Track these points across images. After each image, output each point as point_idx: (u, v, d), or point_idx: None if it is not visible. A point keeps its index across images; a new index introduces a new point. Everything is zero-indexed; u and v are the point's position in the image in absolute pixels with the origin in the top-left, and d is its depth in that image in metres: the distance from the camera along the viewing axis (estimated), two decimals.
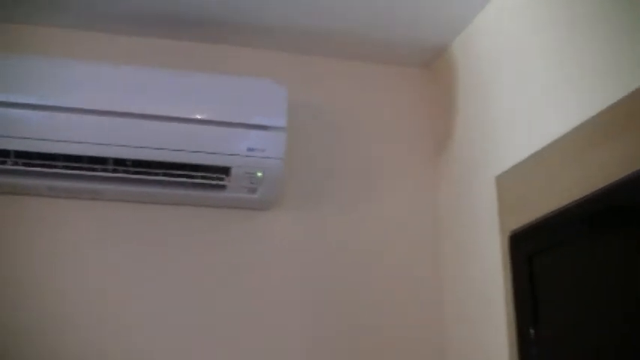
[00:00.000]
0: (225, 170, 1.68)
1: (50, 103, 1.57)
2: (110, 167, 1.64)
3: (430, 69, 2.09)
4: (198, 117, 1.66)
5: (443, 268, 1.92)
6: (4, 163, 1.57)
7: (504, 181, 1.55)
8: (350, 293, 1.83)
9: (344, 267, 1.85)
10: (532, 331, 1.33)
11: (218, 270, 1.78)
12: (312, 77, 1.99)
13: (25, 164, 1.58)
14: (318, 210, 1.88)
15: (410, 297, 1.87)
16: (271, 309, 1.77)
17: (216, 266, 1.78)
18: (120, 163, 1.63)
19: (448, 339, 1.86)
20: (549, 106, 1.45)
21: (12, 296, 1.65)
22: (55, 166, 1.60)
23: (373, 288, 1.86)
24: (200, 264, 1.77)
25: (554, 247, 1.30)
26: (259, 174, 1.68)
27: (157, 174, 1.66)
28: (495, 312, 1.57)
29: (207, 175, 1.68)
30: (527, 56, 1.56)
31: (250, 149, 1.67)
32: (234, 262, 1.79)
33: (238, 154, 1.66)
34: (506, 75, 1.66)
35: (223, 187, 1.71)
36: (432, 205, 1.98)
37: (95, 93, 1.61)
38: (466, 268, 1.78)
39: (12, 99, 1.55)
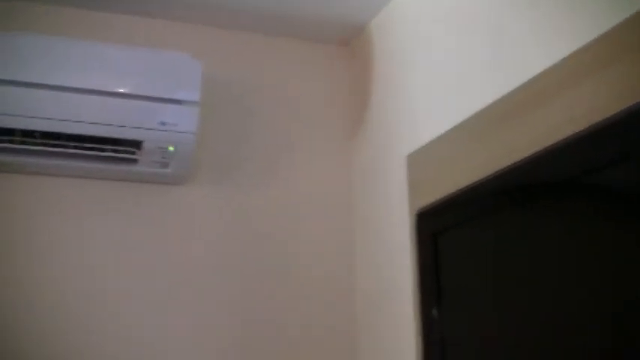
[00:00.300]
0: (136, 144, 1.65)
1: None
2: (18, 139, 1.59)
3: (348, 47, 2.09)
4: (110, 89, 1.63)
5: (355, 246, 1.94)
6: None
7: (414, 160, 1.57)
8: (263, 268, 1.83)
9: (256, 243, 1.85)
10: (435, 311, 1.34)
11: (131, 244, 1.75)
12: (228, 52, 1.97)
13: None
14: (231, 186, 1.87)
15: (321, 274, 1.89)
16: (184, 283, 1.76)
17: (129, 240, 1.75)
18: (28, 134, 1.58)
19: (358, 316, 1.87)
20: (461, 86, 1.47)
21: None
22: None
23: (286, 263, 1.86)
24: (113, 238, 1.74)
25: (459, 225, 1.31)
26: (171, 148, 1.66)
27: (67, 146, 1.61)
28: (404, 292, 1.59)
29: (118, 149, 1.65)
30: (442, 37, 1.58)
31: (162, 123, 1.64)
32: (146, 236, 1.76)
33: (150, 128, 1.64)
34: (421, 55, 1.67)
35: (135, 160, 1.68)
36: (346, 183, 1.99)
37: (3, 63, 1.55)
38: (377, 248, 1.80)
39: None
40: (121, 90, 1.62)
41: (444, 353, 1.31)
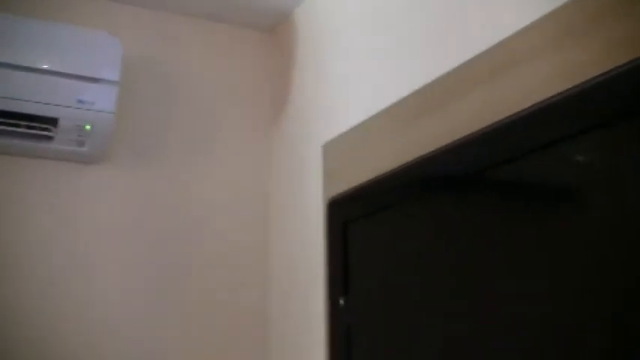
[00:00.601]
0: (52, 121, 1.63)
1: None
2: None
3: (273, 34, 2.10)
4: (27, 65, 1.59)
5: (270, 233, 1.95)
6: None
7: (330, 149, 1.59)
8: (175, 253, 1.83)
9: (171, 226, 1.84)
10: (342, 300, 1.36)
11: (46, 221, 1.72)
12: (150, 32, 1.95)
13: None
14: (148, 167, 1.85)
15: (236, 261, 1.90)
16: (99, 263, 1.74)
17: (44, 217, 1.73)
18: None
19: (272, 303, 1.89)
20: (380, 76, 1.50)
21: None
22: None
23: (200, 249, 1.86)
24: (28, 214, 1.71)
25: (369, 214, 1.32)
26: (88, 127, 1.65)
27: None
28: (316, 280, 1.62)
29: (33, 125, 1.62)
30: (364, 27, 1.60)
31: (80, 101, 1.62)
32: (61, 213, 1.74)
33: (67, 106, 1.61)
34: (343, 44, 1.69)
35: (50, 138, 1.66)
36: (265, 170, 2.00)
37: None
38: (293, 236, 1.82)
39: None
40: (38, 66, 1.59)
41: (349, 342, 1.32)
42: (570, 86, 0.94)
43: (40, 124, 1.63)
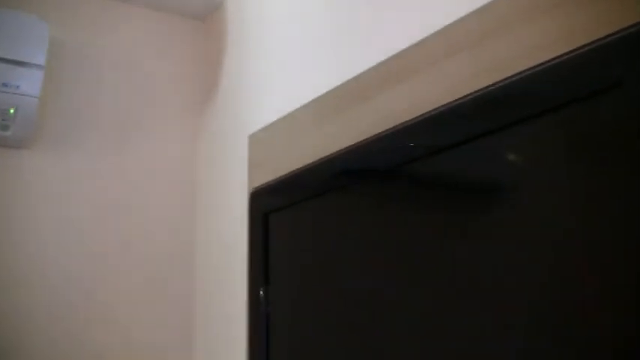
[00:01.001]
0: None
1: None
2: None
3: (204, 22, 2.10)
4: None
5: (196, 223, 1.96)
6: None
7: (256, 139, 1.61)
8: (101, 240, 1.82)
9: (96, 212, 1.83)
10: (262, 291, 1.37)
11: None
12: (78, 16, 1.91)
13: None
14: (74, 153, 1.83)
15: (162, 250, 1.89)
16: (24, 246, 1.72)
17: None
18: None
19: (197, 292, 1.90)
20: (307, 67, 1.51)
21: None
22: None
23: (126, 236, 1.85)
24: None
25: (290, 206, 1.33)
26: (12, 111, 1.63)
27: None
28: (239, 272, 1.64)
29: None
30: (294, 17, 1.61)
31: (4, 85, 1.61)
32: None
33: None
34: (272, 34, 1.70)
35: None
36: (193, 158, 2.01)
37: None
38: (219, 226, 1.83)
39: None
40: None
41: (268, 332, 1.34)
42: (495, 80, 0.97)
43: None
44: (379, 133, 1.15)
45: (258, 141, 1.59)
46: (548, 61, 0.88)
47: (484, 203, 0.95)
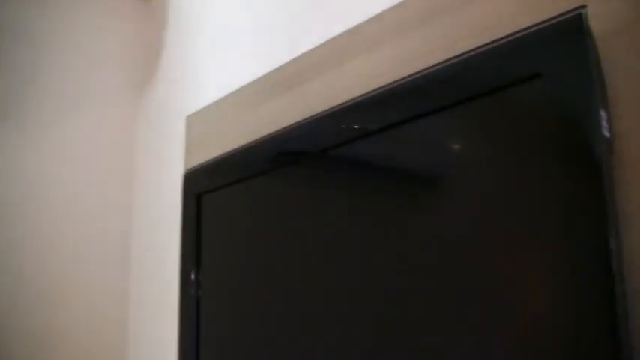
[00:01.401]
0: None
1: None
2: None
3: (145, 2, 2.08)
4: None
5: (133, 203, 1.95)
6: None
7: (193, 121, 1.60)
8: (36, 218, 1.80)
9: (33, 190, 1.80)
10: (193, 274, 1.36)
11: None
12: None
13: None
14: (13, 132, 1.80)
15: (96, 231, 1.88)
16: None
17: None
18: None
19: (132, 276, 1.90)
20: (246, 51, 1.51)
21: None
22: None
23: (60, 216, 1.83)
24: None
25: (223, 187, 1.32)
26: None
27: None
28: (176, 255, 1.63)
29: None
30: (234, 1, 1.61)
31: None
32: None
33: None
34: (212, 17, 1.69)
35: None
36: (130, 141, 1.99)
37: None
38: (155, 207, 1.81)
39: None
40: None
41: (199, 316, 1.33)
42: (425, 67, 0.98)
43: None
44: (312, 116, 1.16)
45: (195, 123, 1.58)
46: (474, 50, 0.90)
47: (409, 186, 0.96)
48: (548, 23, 0.80)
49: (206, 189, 1.34)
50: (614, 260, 0.70)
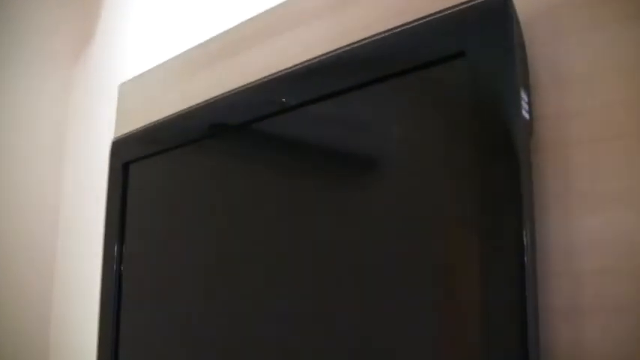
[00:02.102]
0: None
1: None
2: None
3: None
4: None
5: (64, 173, 1.91)
6: None
7: (125, 89, 1.57)
8: None
9: None
10: (116, 246, 1.33)
11: None
12: None
13: None
14: None
15: (27, 203, 1.84)
16: None
17: None
18: None
19: (59, 245, 1.86)
20: (181, 20, 1.49)
21: None
22: None
23: None
24: None
25: (150, 156, 1.29)
26: None
27: None
28: (100, 226, 1.60)
29: None
30: None
31: None
32: None
33: None
34: None
35: None
36: (64, 109, 1.95)
37: None
38: (86, 176, 1.79)
39: None
40: None
41: (120, 290, 1.30)
42: (353, 41, 0.97)
43: None
44: (241, 87, 1.14)
45: (129, 91, 1.55)
46: (403, 25, 0.89)
47: (330, 161, 0.95)
48: (475, 2, 0.80)
49: (133, 158, 1.31)
50: (527, 238, 0.71)
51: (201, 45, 1.35)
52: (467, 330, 0.74)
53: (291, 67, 1.05)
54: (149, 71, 1.49)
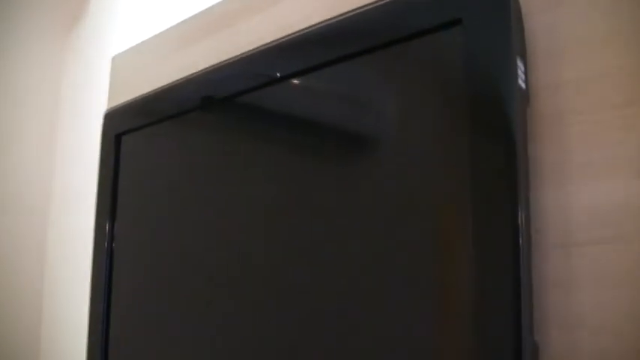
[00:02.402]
0: None
1: None
2: None
3: None
4: None
5: (56, 147, 1.90)
6: None
7: (119, 62, 1.55)
8: None
9: None
10: (108, 221, 1.31)
11: None
12: None
13: None
14: None
15: (20, 169, 1.83)
16: None
17: None
18: None
19: (52, 224, 1.85)
20: None
21: None
22: None
23: None
24: None
25: (142, 128, 1.28)
26: None
27: None
28: (91, 199, 1.59)
29: None
30: None
31: None
32: None
33: None
34: None
35: None
36: (57, 82, 1.93)
37: None
38: (79, 149, 1.78)
39: None
40: None
41: (111, 266, 1.29)
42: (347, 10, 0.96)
43: None
44: (237, 56, 1.13)
45: (122, 63, 1.53)
46: None
47: (325, 133, 0.94)
48: None
49: (125, 129, 1.30)
50: (522, 209, 0.70)
51: (195, 16, 1.33)
52: (460, 301, 0.73)
53: (285, 37, 1.04)
54: (143, 43, 1.47)
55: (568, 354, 0.71)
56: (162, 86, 1.28)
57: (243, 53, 1.12)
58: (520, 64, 0.76)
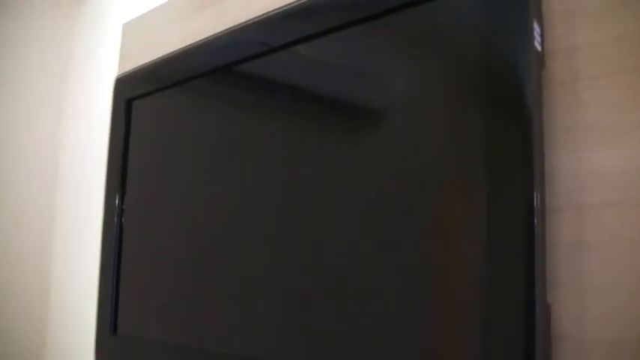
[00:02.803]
0: None
1: None
2: None
3: None
4: None
5: (65, 114, 1.90)
6: None
7: (129, 29, 1.55)
8: None
9: None
10: (117, 195, 1.31)
11: None
12: None
13: None
14: None
15: (27, 140, 1.84)
16: None
17: None
18: None
19: (58, 200, 1.86)
20: None
21: None
22: None
23: None
24: None
25: (152, 93, 1.28)
26: None
27: None
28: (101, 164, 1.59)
29: None
30: None
31: None
32: None
33: None
34: None
35: None
36: (67, 49, 1.93)
37: None
38: (89, 117, 1.78)
39: None
40: None
41: (120, 240, 1.30)
42: None
43: None
44: (247, 21, 1.12)
45: (132, 30, 1.53)
46: None
47: (333, 102, 0.94)
48: None
49: (136, 94, 1.30)
50: (537, 171, 0.70)
51: None
52: (475, 264, 0.73)
53: (294, 2, 1.03)
54: (153, 10, 1.47)
55: (580, 315, 0.71)
56: (173, 51, 1.28)
57: (254, 18, 1.11)
58: (536, 26, 0.75)
